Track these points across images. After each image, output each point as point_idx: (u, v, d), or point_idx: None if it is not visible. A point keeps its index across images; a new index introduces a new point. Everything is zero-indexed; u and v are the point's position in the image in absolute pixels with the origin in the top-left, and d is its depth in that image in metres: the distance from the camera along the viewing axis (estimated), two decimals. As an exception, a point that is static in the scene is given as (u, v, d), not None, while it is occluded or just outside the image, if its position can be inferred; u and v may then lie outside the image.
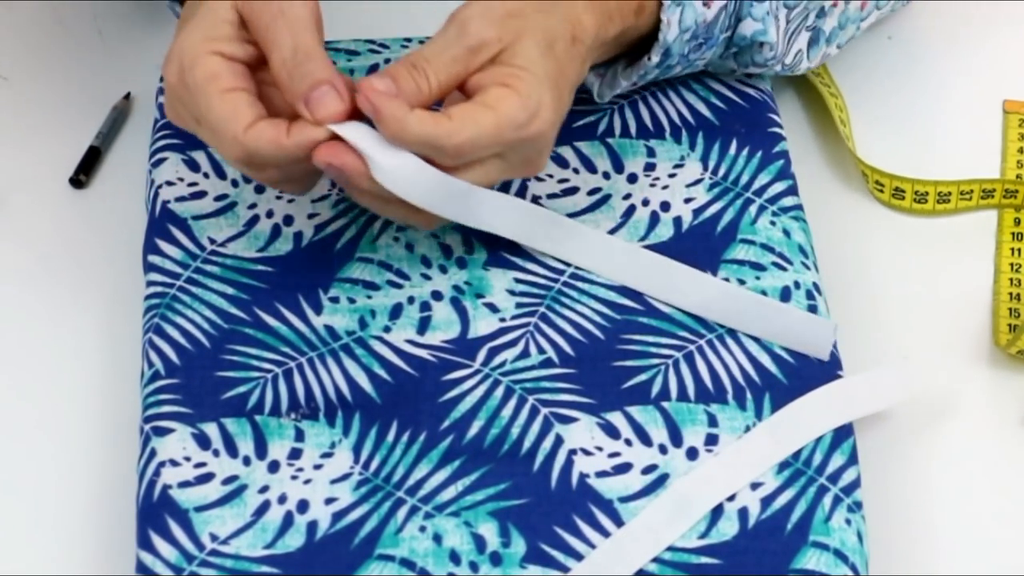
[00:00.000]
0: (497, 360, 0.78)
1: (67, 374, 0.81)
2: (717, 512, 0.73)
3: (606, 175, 0.85)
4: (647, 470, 0.74)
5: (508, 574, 0.71)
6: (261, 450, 0.74)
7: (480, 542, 0.72)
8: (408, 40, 0.91)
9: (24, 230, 0.87)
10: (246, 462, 0.74)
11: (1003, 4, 0.98)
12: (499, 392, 0.76)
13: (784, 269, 0.81)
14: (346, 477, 0.74)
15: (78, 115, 0.91)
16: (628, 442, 0.75)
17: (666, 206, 0.83)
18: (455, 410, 0.76)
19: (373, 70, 0.89)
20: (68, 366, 0.81)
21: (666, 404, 0.76)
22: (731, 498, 0.73)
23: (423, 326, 0.79)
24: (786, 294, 0.80)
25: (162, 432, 0.75)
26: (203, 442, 0.74)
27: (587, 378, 0.77)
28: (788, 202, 0.83)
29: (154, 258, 0.81)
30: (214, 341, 0.78)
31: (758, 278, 0.80)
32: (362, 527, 0.72)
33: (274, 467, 0.74)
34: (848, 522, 0.72)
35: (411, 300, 0.80)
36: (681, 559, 0.71)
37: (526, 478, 0.74)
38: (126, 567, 0.73)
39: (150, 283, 0.80)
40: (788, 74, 0.88)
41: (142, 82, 0.93)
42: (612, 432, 0.75)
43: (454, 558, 0.71)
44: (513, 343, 0.78)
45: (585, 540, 0.72)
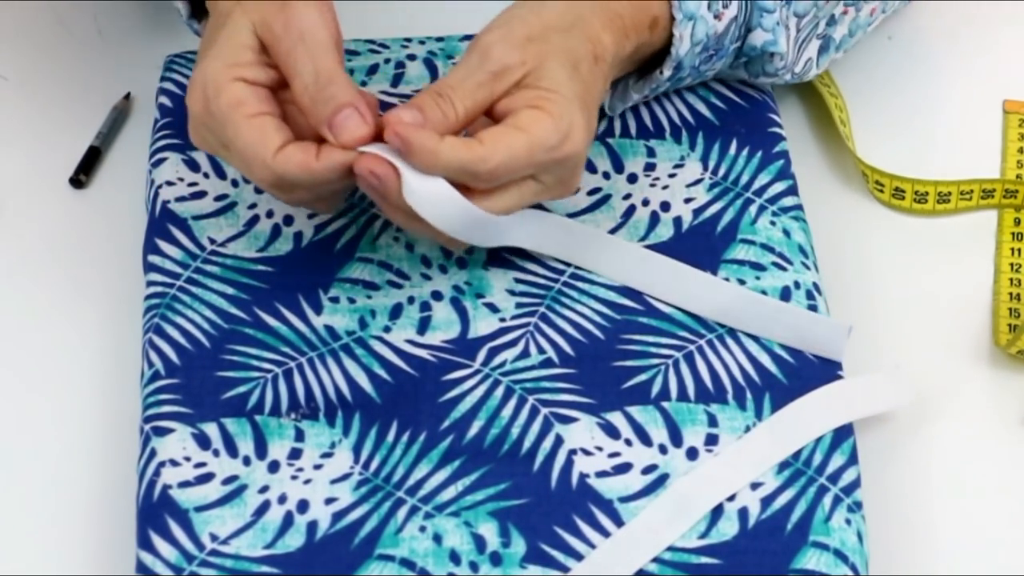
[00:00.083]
0: (497, 360, 0.78)
1: (67, 374, 0.81)
2: (717, 512, 0.73)
3: (606, 175, 0.85)
4: (647, 470, 0.74)
5: (508, 574, 0.71)
6: (261, 450, 0.74)
7: (480, 542, 0.72)
8: (408, 40, 0.90)
9: (24, 230, 0.87)
10: (246, 462, 0.74)
11: (1003, 4, 0.98)
12: (499, 392, 0.76)
13: (784, 269, 0.81)
14: (346, 477, 0.74)
15: (78, 115, 0.91)
16: (628, 442, 0.75)
17: (666, 206, 0.83)
18: (455, 410, 0.76)
19: (373, 70, 0.89)
20: (68, 366, 0.81)
21: (666, 404, 0.76)
22: (731, 498, 0.73)
23: (423, 326, 0.79)
24: (786, 294, 0.80)
25: (162, 432, 0.75)
26: (203, 442, 0.74)
27: (587, 378, 0.77)
28: (788, 202, 0.83)
29: (154, 258, 0.81)
30: (214, 341, 0.78)
31: (758, 278, 0.80)
32: (362, 527, 0.72)
33: (274, 467, 0.74)
34: (848, 522, 0.72)
35: (411, 300, 0.80)
36: (681, 559, 0.71)
37: (526, 478, 0.74)
38: (126, 567, 0.73)
39: (150, 283, 0.80)
40: (797, 82, 0.88)
41: (142, 82, 0.93)
42: (612, 432, 0.75)
43: (454, 558, 0.71)
44: (513, 343, 0.78)
45: (585, 540, 0.72)
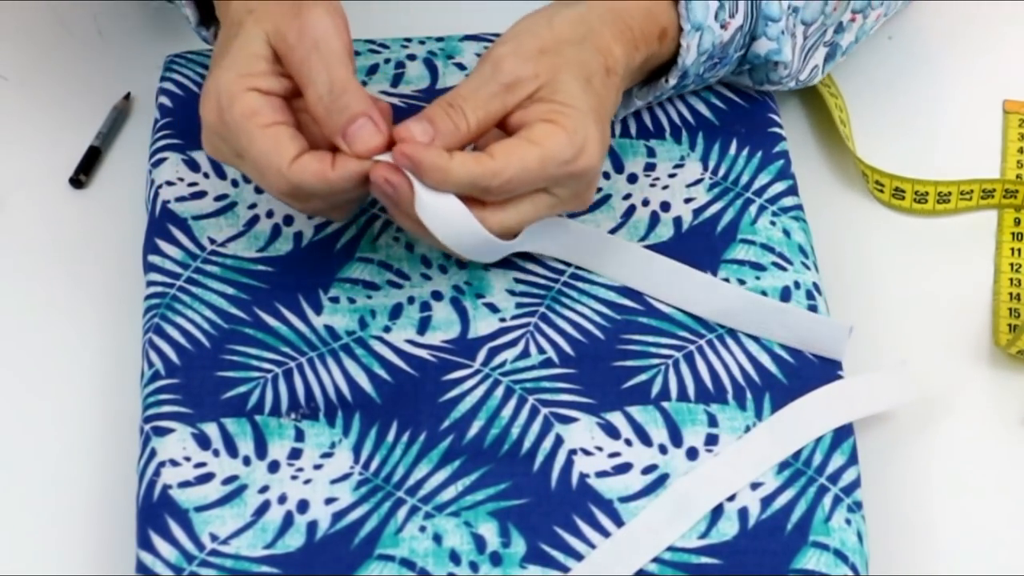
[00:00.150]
0: (497, 360, 0.78)
1: (67, 374, 0.81)
2: (717, 512, 0.73)
3: (606, 175, 0.85)
4: (647, 470, 0.74)
5: (508, 574, 0.71)
6: (261, 450, 0.74)
7: (480, 542, 0.72)
8: (408, 40, 0.90)
9: (24, 230, 0.87)
10: (246, 462, 0.74)
11: (1003, 4, 0.98)
12: (499, 392, 0.76)
13: (784, 269, 0.81)
14: (346, 477, 0.74)
15: (78, 115, 0.91)
16: (628, 442, 0.75)
17: (666, 206, 0.83)
18: (455, 410, 0.76)
19: (373, 70, 0.89)
20: (68, 366, 0.81)
21: (666, 404, 0.76)
22: (731, 498, 0.73)
23: (423, 326, 0.79)
24: (786, 294, 0.80)
25: (162, 432, 0.75)
26: (203, 442, 0.74)
27: (587, 378, 0.77)
28: (788, 202, 0.83)
29: (154, 258, 0.81)
30: (214, 341, 0.78)
31: (758, 278, 0.80)
32: (362, 527, 0.72)
33: (274, 467, 0.74)
34: (848, 522, 0.72)
35: (411, 300, 0.80)
36: (681, 559, 0.71)
37: (526, 478, 0.74)
38: (126, 567, 0.73)
39: (150, 283, 0.80)
40: (801, 87, 0.88)
41: (142, 82, 0.92)
42: (612, 432, 0.75)
43: (454, 558, 0.71)
44: (513, 343, 0.78)
45: (585, 540, 0.72)
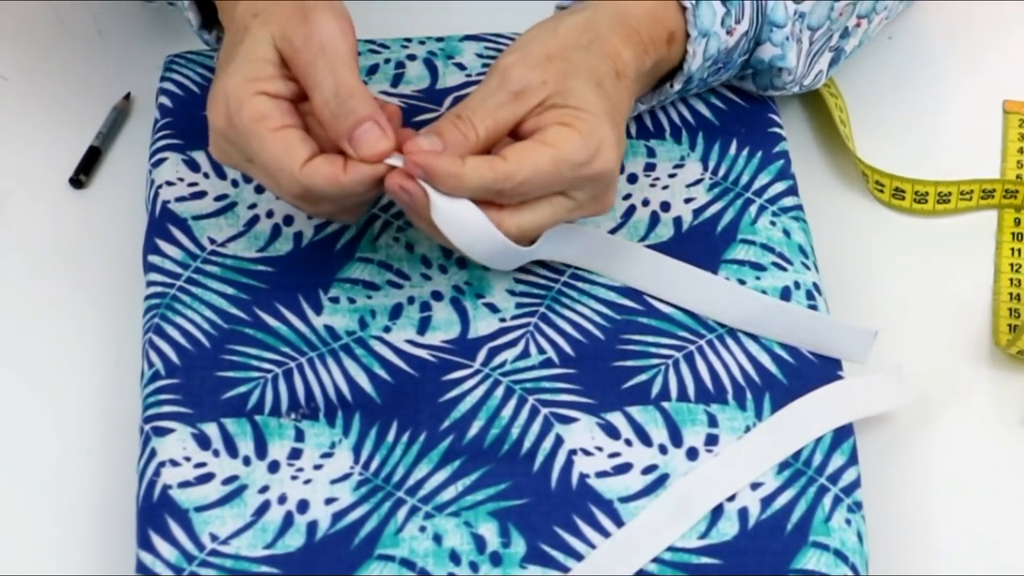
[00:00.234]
0: (497, 360, 0.78)
1: (67, 374, 0.81)
2: (717, 512, 0.73)
3: (606, 175, 0.85)
4: (647, 470, 0.74)
5: (508, 574, 0.71)
6: (261, 450, 0.74)
7: (480, 542, 0.72)
8: (408, 40, 0.90)
9: (24, 230, 0.87)
10: (246, 462, 0.74)
11: (1004, 4, 0.98)
12: (499, 392, 0.76)
13: (784, 269, 0.81)
14: (346, 477, 0.74)
15: (78, 115, 0.91)
16: (628, 442, 0.75)
17: (666, 206, 0.83)
18: (455, 410, 0.76)
19: (373, 70, 0.89)
20: (68, 366, 0.81)
21: (666, 404, 0.76)
22: (731, 498, 0.73)
23: (423, 326, 0.79)
24: (786, 294, 0.80)
25: (162, 432, 0.75)
26: (203, 442, 0.74)
27: (587, 378, 0.77)
28: (788, 202, 0.83)
29: (154, 258, 0.81)
30: (214, 341, 0.78)
31: (758, 278, 0.80)
32: (362, 527, 0.72)
33: (274, 467, 0.74)
34: (848, 522, 0.72)
35: (411, 300, 0.80)
36: (681, 559, 0.71)
37: (526, 478, 0.74)
38: (126, 567, 0.73)
39: (150, 283, 0.80)
40: (805, 91, 0.88)
41: (142, 82, 0.92)
42: (612, 432, 0.75)
43: (454, 558, 0.71)
44: (513, 343, 0.78)
45: (585, 540, 0.72)
